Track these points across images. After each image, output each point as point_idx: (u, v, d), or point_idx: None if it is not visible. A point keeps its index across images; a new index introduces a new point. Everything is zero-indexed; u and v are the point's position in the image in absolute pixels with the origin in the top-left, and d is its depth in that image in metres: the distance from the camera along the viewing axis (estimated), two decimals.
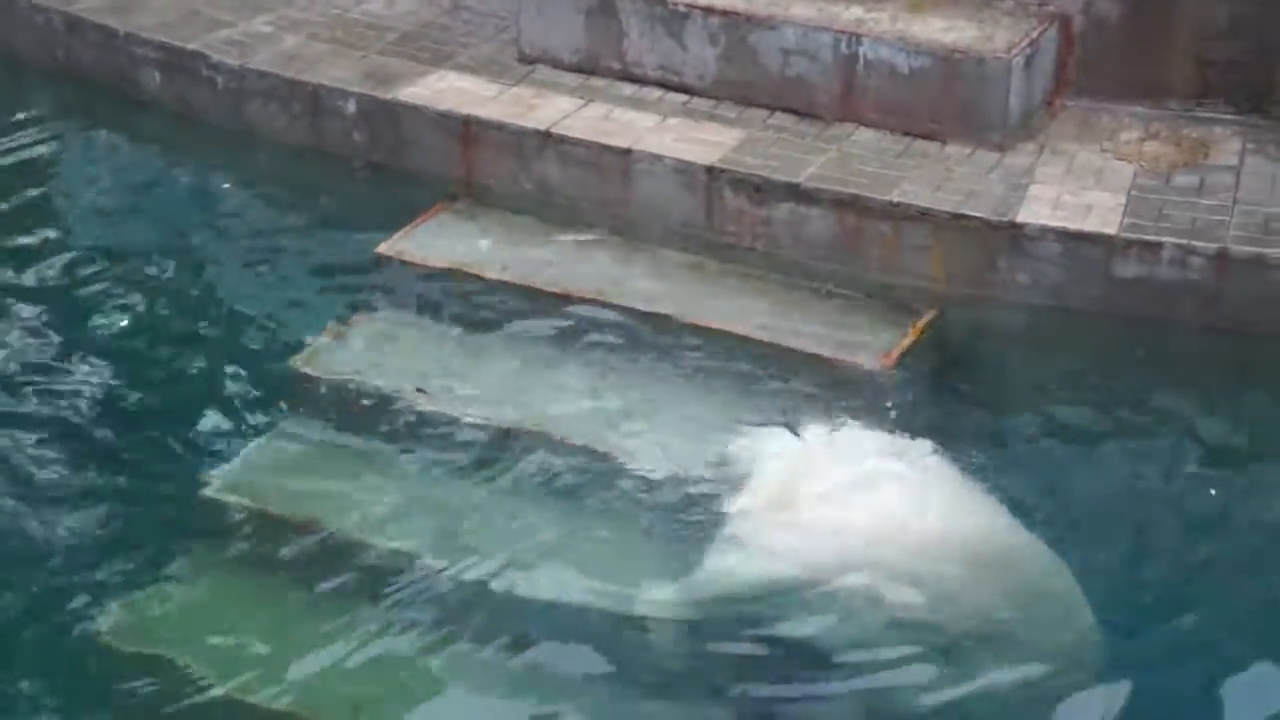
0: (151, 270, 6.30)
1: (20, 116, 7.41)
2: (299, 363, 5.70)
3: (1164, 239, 5.75)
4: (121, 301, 6.08)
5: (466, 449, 5.31)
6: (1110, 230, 5.80)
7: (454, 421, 5.41)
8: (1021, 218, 5.89)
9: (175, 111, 7.19)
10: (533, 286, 6.06)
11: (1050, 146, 6.36)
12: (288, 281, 6.25)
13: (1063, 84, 6.61)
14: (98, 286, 6.17)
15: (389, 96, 6.76)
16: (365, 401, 5.54)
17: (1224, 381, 5.65)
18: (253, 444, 5.36)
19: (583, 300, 5.97)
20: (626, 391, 5.56)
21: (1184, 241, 5.72)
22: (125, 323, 5.95)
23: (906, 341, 5.74)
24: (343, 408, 5.54)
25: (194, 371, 5.74)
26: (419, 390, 5.48)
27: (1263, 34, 6.31)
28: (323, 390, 5.61)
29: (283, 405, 5.57)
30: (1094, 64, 6.57)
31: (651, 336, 5.81)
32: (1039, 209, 5.93)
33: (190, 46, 7.11)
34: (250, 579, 4.84)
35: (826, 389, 5.52)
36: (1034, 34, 6.43)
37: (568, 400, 5.50)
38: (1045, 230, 5.84)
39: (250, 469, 5.24)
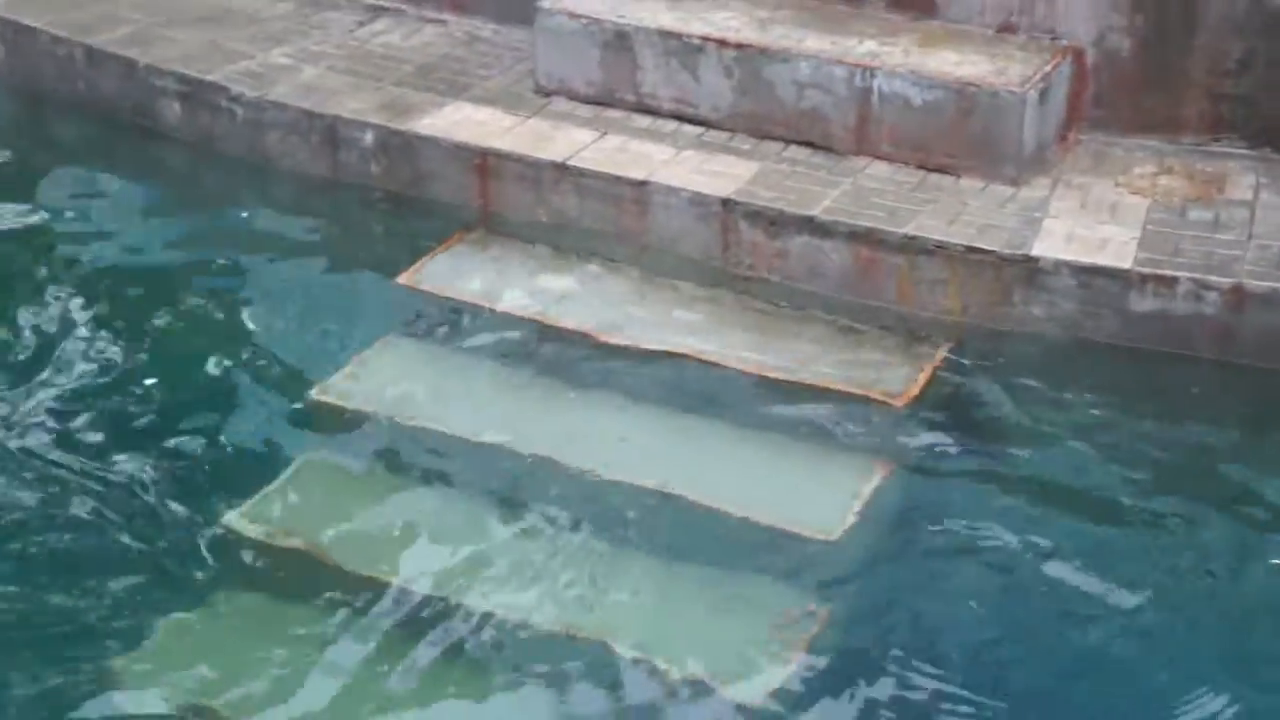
0: (168, 304, 6.32)
1: (42, 149, 7.50)
2: (318, 394, 5.73)
3: (1179, 273, 5.79)
4: (140, 335, 6.11)
5: (487, 482, 5.34)
6: (1125, 264, 5.84)
7: (476, 455, 5.44)
8: (1036, 251, 5.93)
9: (193, 143, 7.26)
10: (549, 321, 6.10)
11: (1064, 180, 6.40)
12: (306, 313, 6.27)
13: (1076, 118, 6.65)
14: (115, 320, 6.20)
15: (406, 128, 6.81)
16: (384, 432, 5.58)
17: (1239, 415, 5.67)
18: (269, 476, 5.36)
19: (597, 335, 6.01)
20: (649, 430, 5.58)
21: (1199, 275, 5.76)
22: (145, 357, 5.97)
23: (923, 376, 5.77)
24: (361, 439, 5.57)
25: (213, 404, 5.75)
26: None
27: (1275, 69, 6.35)
28: (342, 422, 5.63)
29: (302, 437, 5.59)
30: (1108, 98, 6.61)
31: (670, 373, 5.83)
32: (1053, 243, 5.97)
33: (210, 78, 7.18)
34: (268, 615, 4.84)
35: (847, 427, 5.55)
36: (1047, 68, 6.47)
37: (590, 435, 5.53)
38: (1060, 264, 5.88)
39: (270, 502, 5.26)
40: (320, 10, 7.86)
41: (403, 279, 6.36)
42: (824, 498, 5.22)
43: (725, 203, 6.29)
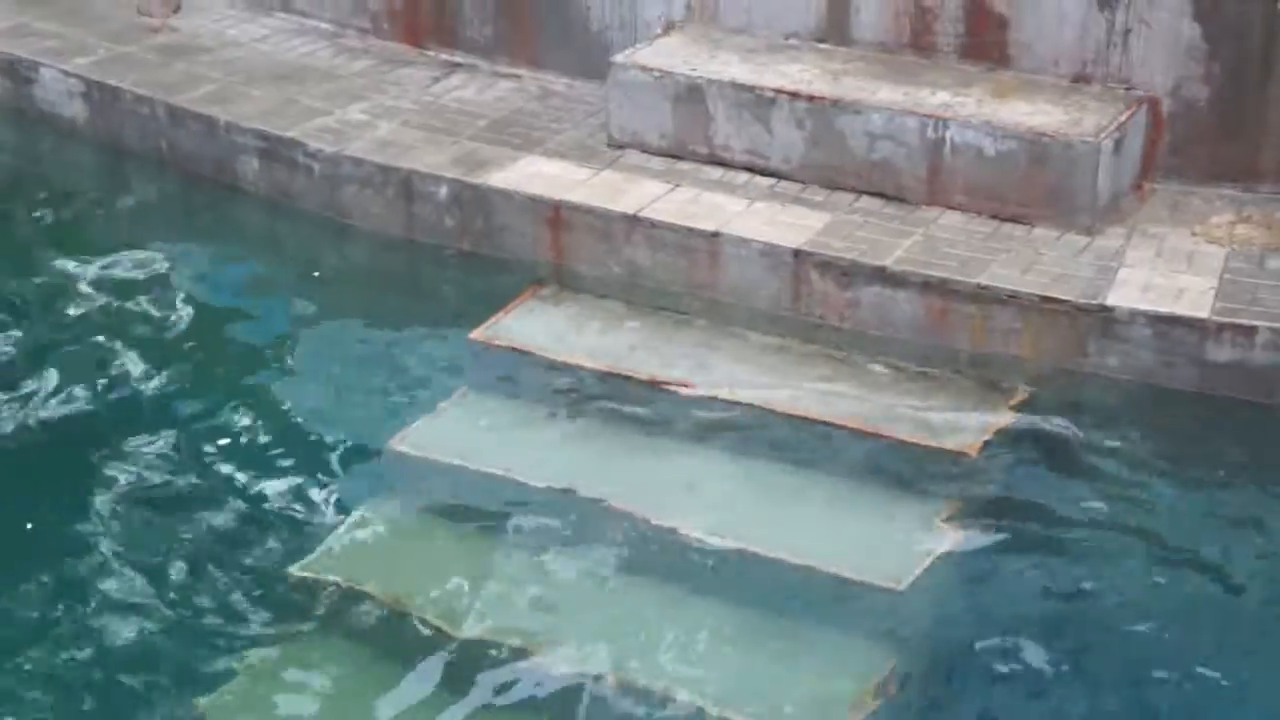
0: (245, 358, 6.41)
1: (124, 206, 7.65)
2: (394, 445, 5.77)
3: (1257, 322, 5.72)
4: (218, 388, 6.19)
5: (560, 532, 5.34)
6: (1202, 314, 5.77)
7: (548, 504, 5.45)
8: (1111, 301, 5.88)
9: (271, 199, 7.37)
10: (620, 372, 6.11)
11: (1140, 229, 6.35)
12: (382, 366, 6.33)
13: (1152, 167, 6.60)
14: (193, 373, 6.30)
15: (480, 182, 6.88)
16: (457, 483, 5.60)
17: None
18: (346, 523, 5.42)
19: (668, 385, 6.02)
20: (718, 480, 5.58)
21: (1277, 324, 5.68)
22: (221, 406, 6.04)
23: (997, 425, 5.72)
24: (435, 489, 5.60)
25: (291, 453, 5.82)
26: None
27: None
28: (417, 472, 5.66)
29: (378, 487, 5.62)
30: (1183, 147, 6.56)
31: (740, 423, 5.83)
32: (1129, 292, 5.92)
33: (288, 134, 7.29)
34: (340, 661, 4.87)
35: (919, 475, 5.51)
36: (1122, 117, 6.43)
37: (659, 484, 5.53)
38: (1136, 314, 5.82)
39: (344, 548, 5.30)
40: (396, 67, 7.97)
41: (477, 334, 6.40)
42: (893, 547, 5.18)
43: (797, 254, 6.29)
